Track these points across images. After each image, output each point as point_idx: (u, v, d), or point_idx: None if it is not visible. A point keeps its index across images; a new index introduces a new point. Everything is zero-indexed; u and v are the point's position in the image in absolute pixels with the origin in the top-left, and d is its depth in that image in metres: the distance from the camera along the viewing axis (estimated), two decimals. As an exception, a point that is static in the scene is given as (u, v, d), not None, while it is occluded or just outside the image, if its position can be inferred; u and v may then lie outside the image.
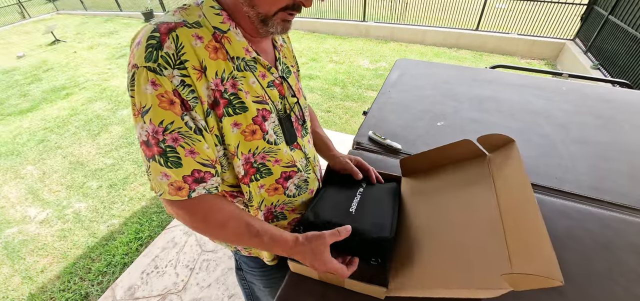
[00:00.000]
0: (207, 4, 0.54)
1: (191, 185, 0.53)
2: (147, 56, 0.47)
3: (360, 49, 5.72)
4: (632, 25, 3.54)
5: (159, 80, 0.47)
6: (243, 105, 0.56)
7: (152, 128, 0.49)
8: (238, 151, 0.59)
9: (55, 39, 7.26)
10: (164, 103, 0.48)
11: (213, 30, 0.54)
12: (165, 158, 0.51)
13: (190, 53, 0.50)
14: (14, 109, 4.44)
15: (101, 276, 2.04)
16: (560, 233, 0.76)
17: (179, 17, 0.52)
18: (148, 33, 0.49)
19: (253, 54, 0.58)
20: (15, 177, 3.05)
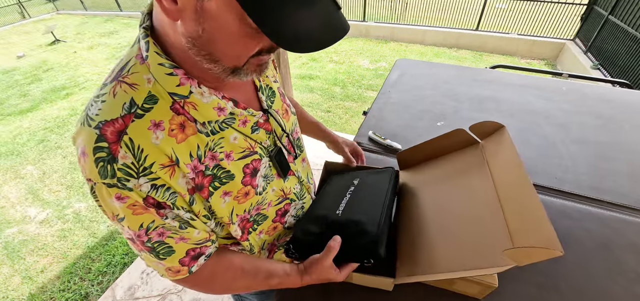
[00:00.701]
0: (154, 61, 0.40)
1: (189, 263, 0.49)
2: (101, 172, 0.38)
3: (360, 49, 5.72)
4: (632, 25, 3.54)
5: (123, 193, 0.39)
6: (228, 173, 0.49)
7: (134, 232, 0.44)
8: (233, 216, 0.53)
9: (55, 39, 7.26)
10: (138, 211, 0.42)
11: (171, 99, 0.42)
12: (155, 253, 0.46)
13: (153, 153, 0.40)
14: (14, 109, 4.44)
15: (101, 276, 2.04)
16: (560, 233, 0.75)
17: (123, 97, 0.40)
18: (92, 142, 0.38)
19: (228, 108, 0.47)
20: (15, 177, 3.05)
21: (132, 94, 0.40)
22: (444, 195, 0.68)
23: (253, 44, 0.38)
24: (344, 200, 0.67)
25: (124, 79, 0.41)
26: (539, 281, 0.66)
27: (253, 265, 0.58)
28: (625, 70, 3.56)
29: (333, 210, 0.65)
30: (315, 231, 0.62)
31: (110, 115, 0.39)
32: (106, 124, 0.39)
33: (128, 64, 0.42)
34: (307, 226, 0.64)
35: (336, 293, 0.67)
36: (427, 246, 0.60)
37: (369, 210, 0.63)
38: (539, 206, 0.48)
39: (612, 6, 4.00)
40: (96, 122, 0.39)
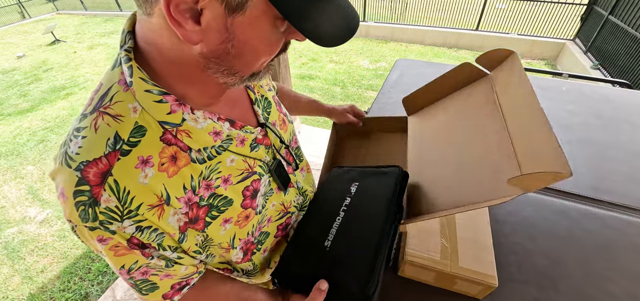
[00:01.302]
0: (140, 87, 0.36)
1: (172, 295, 0.47)
2: (82, 215, 0.35)
3: (360, 49, 5.72)
4: (632, 25, 3.54)
5: (106, 235, 0.37)
6: (226, 200, 0.46)
7: (116, 270, 0.41)
8: (235, 241, 0.50)
9: (55, 39, 7.26)
10: (120, 252, 0.39)
11: (161, 129, 0.38)
12: (137, 289, 0.44)
13: (141, 195, 0.37)
14: (14, 109, 4.44)
15: (101, 276, 2.04)
16: (560, 233, 0.76)
17: (106, 131, 0.36)
18: (72, 186, 0.35)
19: (225, 131, 0.44)
20: (15, 177, 3.05)
21: (116, 127, 0.36)
22: (452, 132, 0.66)
23: (277, 47, 0.39)
24: (335, 224, 0.57)
25: (106, 110, 0.36)
26: (539, 281, 0.66)
27: (238, 296, 0.53)
28: (625, 70, 3.56)
29: (322, 238, 0.56)
30: (297, 269, 0.55)
31: (92, 155, 0.35)
32: (88, 165, 0.35)
33: (110, 92, 0.37)
34: (290, 258, 0.57)
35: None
36: (433, 186, 0.60)
37: (361, 242, 0.53)
38: (549, 131, 0.46)
39: (612, 6, 4.00)
40: (77, 162, 0.35)
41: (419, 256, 0.62)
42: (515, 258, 0.71)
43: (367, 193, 0.62)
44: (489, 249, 0.63)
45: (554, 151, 0.42)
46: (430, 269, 0.62)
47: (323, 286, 0.49)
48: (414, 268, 0.63)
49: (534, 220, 0.80)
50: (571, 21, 5.01)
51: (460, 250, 0.63)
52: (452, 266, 0.60)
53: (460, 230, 0.67)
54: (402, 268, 0.66)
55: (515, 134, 0.53)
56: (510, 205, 0.84)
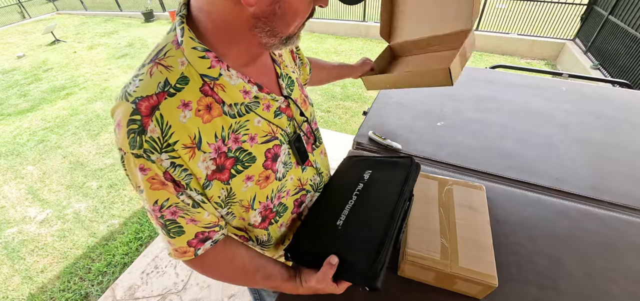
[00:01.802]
0: (189, 45, 0.45)
1: (196, 245, 0.52)
2: (131, 142, 0.43)
3: (360, 49, 5.72)
4: (632, 25, 3.54)
5: (147, 165, 0.44)
6: (251, 156, 0.52)
7: (150, 206, 0.48)
8: (254, 202, 0.56)
9: (55, 39, 7.26)
10: (156, 185, 0.45)
11: (201, 81, 0.46)
12: (166, 230, 0.50)
13: (179, 131, 0.44)
14: (14, 109, 4.44)
15: (101, 276, 2.04)
16: (560, 233, 0.76)
17: (158, 76, 0.44)
18: (127, 115, 0.42)
19: (253, 91, 0.51)
20: (15, 177, 3.05)
21: (166, 75, 0.44)
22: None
23: (308, 11, 0.46)
24: (348, 205, 0.62)
25: (160, 61, 0.45)
26: (539, 281, 0.66)
27: (255, 263, 0.59)
28: (625, 70, 3.56)
29: (334, 219, 0.60)
30: (309, 246, 0.59)
31: (145, 92, 0.43)
32: (142, 100, 0.43)
33: (164, 49, 0.46)
34: (303, 235, 0.62)
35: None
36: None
37: (371, 224, 0.56)
38: None
39: (612, 6, 4.00)
40: (133, 97, 0.43)
41: (419, 256, 0.62)
42: (515, 258, 0.71)
43: (379, 181, 0.66)
44: (489, 249, 0.63)
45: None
46: (430, 269, 0.62)
47: (333, 261, 0.53)
48: (414, 268, 0.63)
49: (534, 220, 0.80)
50: (571, 21, 5.00)
51: (460, 250, 0.63)
52: (452, 266, 0.60)
53: (460, 230, 0.67)
54: (402, 268, 0.66)
55: None
56: (510, 205, 0.84)
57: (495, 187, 0.89)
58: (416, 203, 0.74)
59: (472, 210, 0.72)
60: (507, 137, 1.09)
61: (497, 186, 0.90)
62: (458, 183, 0.79)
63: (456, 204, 0.73)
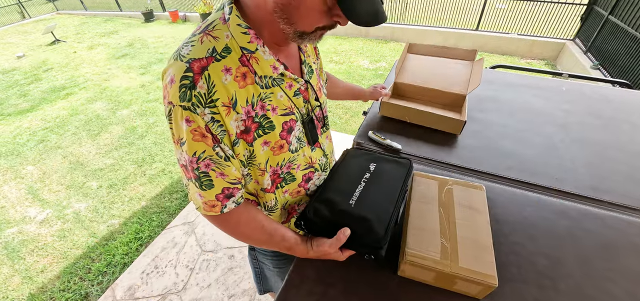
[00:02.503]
0: (234, 22, 0.54)
1: (223, 201, 0.60)
2: (182, 95, 0.50)
3: (360, 49, 5.72)
4: (632, 25, 3.53)
5: (192, 117, 0.51)
6: (271, 124, 0.60)
7: (188, 158, 0.55)
8: (267, 166, 0.64)
9: (55, 39, 7.26)
10: (197, 137, 0.53)
11: (240, 52, 0.54)
12: (199, 182, 0.57)
13: (220, 91, 0.52)
14: (14, 109, 4.44)
15: (101, 276, 2.04)
16: (560, 233, 0.76)
17: (208, 44, 0.52)
18: (181, 71, 0.50)
19: (280, 69, 0.59)
20: (15, 177, 3.05)
21: (214, 44, 0.53)
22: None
23: (323, 19, 0.51)
24: (358, 188, 0.73)
25: (210, 32, 0.54)
26: (539, 281, 0.66)
27: (272, 226, 0.68)
28: (625, 70, 3.56)
29: (347, 198, 0.71)
30: (326, 215, 0.68)
31: (198, 55, 0.51)
32: (194, 61, 0.51)
33: (213, 23, 0.55)
34: (319, 208, 0.70)
35: (339, 286, 0.66)
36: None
37: (380, 206, 0.69)
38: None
39: (612, 6, 3.99)
40: (187, 58, 0.51)
41: (419, 256, 0.62)
42: (515, 258, 0.71)
43: (385, 169, 0.79)
44: (489, 249, 0.63)
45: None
46: (430, 269, 0.62)
47: (346, 233, 0.64)
48: (414, 268, 0.63)
49: (534, 220, 0.80)
50: (571, 21, 5.00)
51: (460, 250, 0.63)
52: (452, 266, 0.60)
53: (460, 230, 0.67)
54: (402, 268, 0.66)
55: None
56: (510, 205, 0.84)
57: (495, 187, 0.89)
58: (416, 203, 0.74)
59: (472, 210, 0.72)
60: (507, 137, 1.09)
61: (497, 186, 0.90)
62: (458, 183, 0.79)
63: (456, 204, 0.73)
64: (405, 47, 1.32)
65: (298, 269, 0.71)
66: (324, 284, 0.67)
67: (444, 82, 1.19)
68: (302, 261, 0.72)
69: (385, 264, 0.70)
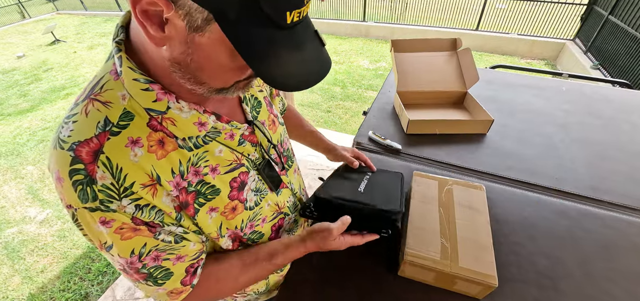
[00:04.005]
0: (128, 76, 0.38)
1: (191, 279, 0.48)
2: (81, 196, 0.36)
3: (360, 49, 5.72)
4: (632, 25, 3.54)
5: (109, 216, 0.38)
6: (214, 189, 0.47)
7: (126, 261, 0.41)
8: (222, 230, 0.52)
9: (55, 39, 7.26)
10: (127, 235, 0.40)
11: (147, 116, 0.40)
12: (152, 279, 0.44)
13: (133, 172, 0.38)
14: (14, 109, 4.44)
15: (101, 276, 2.04)
16: (560, 233, 0.76)
17: (96, 115, 0.38)
18: (66, 166, 0.36)
19: (210, 123, 0.45)
20: (15, 177, 3.05)
21: (106, 113, 0.38)
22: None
23: (241, 74, 0.39)
24: (363, 182, 0.73)
25: (96, 97, 0.39)
26: (539, 281, 0.66)
27: (251, 253, 0.56)
28: (625, 70, 3.56)
29: (354, 187, 0.71)
30: (337, 194, 0.66)
31: (83, 136, 0.37)
32: (80, 145, 0.36)
33: (101, 81, 0.40)
34: (329, 189, 0.69)
35: (339, 286, 0.67)
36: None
37: (389, 190, 0.71)
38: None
39: (612, 6, 4.00)
40: (69, 143, 0.37)
41: (419, 256, 0.62)
42: (515, 258, 0.71)
43: (381, 175, 0.80)
44: (489, 249, 0.63)
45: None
46: (430, 269, 0.62)
47: (346, 220, 0.58)
48: (414, 268, 0.63)
49: (534, 220, 0.80)
50: (571, 21, 5.01)
51: (460, 250, 0.63)
52: (452, 266, 0.60)
53: (460, 230, 0.67)
54: (402, 268, 0.66)
55: None
56: (510, 205, 0.84)
57: (495, 187, 0.89)
58: (416, 203, 0.74)
59: (472, 210, 0.72)
60: (507, 137, 1.09)
61: (497, 186, 0.90)
62: (458, 183, 0.79)
63: (456, 204, 0.73)
64: (392, 48, 1.29)
65: (297, 269, 0.71)
66: (324, 284, 0.67)
67: (441, 80, 1.24)
68: (302, 261, 0.72)
69: (387, 265, 0.70)
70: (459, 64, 1.27)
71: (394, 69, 1.26)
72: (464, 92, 1.21)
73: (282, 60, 0.34)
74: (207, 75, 0.38)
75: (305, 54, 0.36)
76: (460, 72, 1.24)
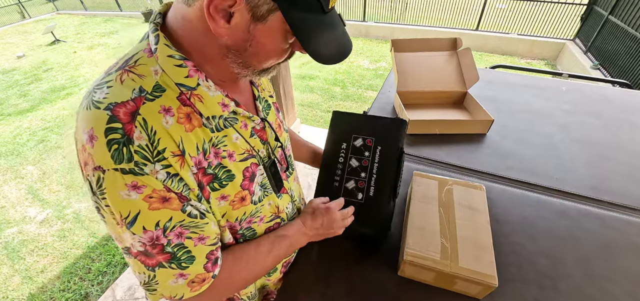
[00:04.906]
0: (164, 53, 0.41)
1: (212, 268, 0.48)
2: (115, 155, 0.36)
3: (360, 49, 5.72)
4: (632, 25, 3.54)
5: (141, 181, 0.37)
6: (229, 174, 0.48)
7: (150, 236, 0.40)
8: (224, 220, 0.52)
9: (55, 39, 7.26)
10: (155, 204, 0.39)
11: (178, 90, 0.42)
12: (177, 261, 0.43)
13: (165, 138, 0.39)
14: (14, 109, 4.43)
15: (101, 276, 2.04)
16: (560, 233, 0.76)
17: (131, 84, 0.39)
18: (103, 123, 0.36)
19: (231, 106, 0.47)
20: (15, 177, 3.05)
21: (140, 82, 0.40)
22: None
23: (282, 56, 0.46)
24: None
25: (131, 69, 0.40)
26: (539, 281, 0.66)
27: (263, 238, 0.59)
28: (625, 70, 3.56)
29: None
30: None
31: (120, 98, 0.38)
32: (117, 106, 0.37)
33: (134, 57, 0.42)
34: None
35: (338, 286, 0.67)
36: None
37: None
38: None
39: (612, 6, 4.00)
40: (105, 103, 0.37)
41: (418, 256, 0.62)
42: (515, 258, 0.71)
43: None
44: (489, 249, 0.63)
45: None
46: (430, 269, 0.62)
47: (341, 201, 0.70)
48: (414, 268, 0.63)
49: (534, 220, 0.80)
50: (571, 21, 5.01)
51: (460, 250, 0.63)
52: (452, 266, 0.60)
53: (460, 230, 0.67)
54: (402, 268, 0.66)
55: None
56: (510, 205, 0.84)
57: (495, 187, 0.89)
58: (416, 203, 0.74)
59: (472, 210, 0.72)
60: (507, 137, 1.09)
61: (497, 186, 0.90)
62: (458, 183, 0.79)
63: (456, 204, 0.73)
64: (392, 48, 1.30)
65: (297, 268, 0.71)
66: (323, 283, 0.67)
67: (441, 80, 1.24)
68: (301, 260, 0.72)
69: (385, 262, 0.70)
70: (459, 63, 1.27)
71: (394, 68, 1.26)
72: (464, 92, 1.21)
73: (324, 39, 0.42)
74: (258, 59, 0.44)
75: (338, 33, 0.44)
76: (460, 72, 1.24)
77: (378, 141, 0.75)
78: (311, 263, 0.71)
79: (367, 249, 0.73)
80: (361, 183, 0.72)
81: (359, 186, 0.72)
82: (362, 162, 0.74)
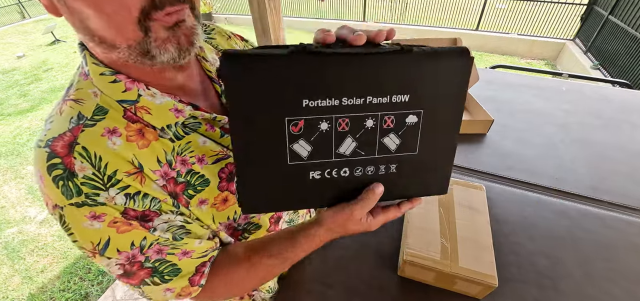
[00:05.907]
0: (95, 72, 0.38)
1: (199, 279, 0.45)
2: (64, 192, 0.34)
3: (360, 49, 5.72)
4: (632, 25, 3.54)
5: (99, 210, 0.35)
6: (204, 179, 0.44)
7: (126, 256, 0.38)
8: (215, 222, 0.49)
9: (55, 39, 7.26)
10: (122, 228, 0.37)
11: (121, 108, 0.38)
12: (159, 275, 0.41)
13: (114, 160, 0.36)
14: (14, 109, 4.43)
15: (101, 276, 2.04)
16: (560, 233, 0.76)
17: (69, 112, 0.37)
18: (44, 162, 0.34)
19: (186, 110, 0.41)
20: (15, 177, 3.05)
21: (79, 108, 0.37)
22: None
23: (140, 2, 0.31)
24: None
25: (69, 98, 0.39)
26: (539, 281, 0.66)
27: (258, 249, 0.48)
28: (625, 70, 3.57)
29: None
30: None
31: (58, 131, 0.36)
32: (55, 140, 0.35)
33: (73, 84, 0.40)
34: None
35: (338, 286, 0.67)
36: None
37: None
38: None
39: (612, 6, 4.00)
40: (45, 141, 0.36)
41: (418, 256, 0.62)
42: (515, 258, 0.71)
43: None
44: (489, 249, 0.63)
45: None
46: (430, 269, 0.62)
47: (375, 194, 0.41)
48: (414, 268, 0.63)
49: (534, 220, 0.80)
50: (571, 21, 5.01)
51: (460, 250, 0.63)
52: (452, 266, 0.60)
53: (460, 230, 0.67)
54: (402, 268, 0.66)
55: None
56: (510, 205, 0.84)
57: (495, 187, 0.89)
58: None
59: (472, 210, 0.72)
60: (507, 137, 1.09)
61: (497, 186, 0.90)
62: (458, 183, 0.79)
63: (456, 204, 0.73)
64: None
65: (296, 268, 0.71)
66: (323, 284, 0.67)
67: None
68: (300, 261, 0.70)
69: (385, 264, 0.70)
70: None
71: None
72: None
73: None
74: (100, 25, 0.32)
75: None
76: None
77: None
78: (311, 262, 0.71)
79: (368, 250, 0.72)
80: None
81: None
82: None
